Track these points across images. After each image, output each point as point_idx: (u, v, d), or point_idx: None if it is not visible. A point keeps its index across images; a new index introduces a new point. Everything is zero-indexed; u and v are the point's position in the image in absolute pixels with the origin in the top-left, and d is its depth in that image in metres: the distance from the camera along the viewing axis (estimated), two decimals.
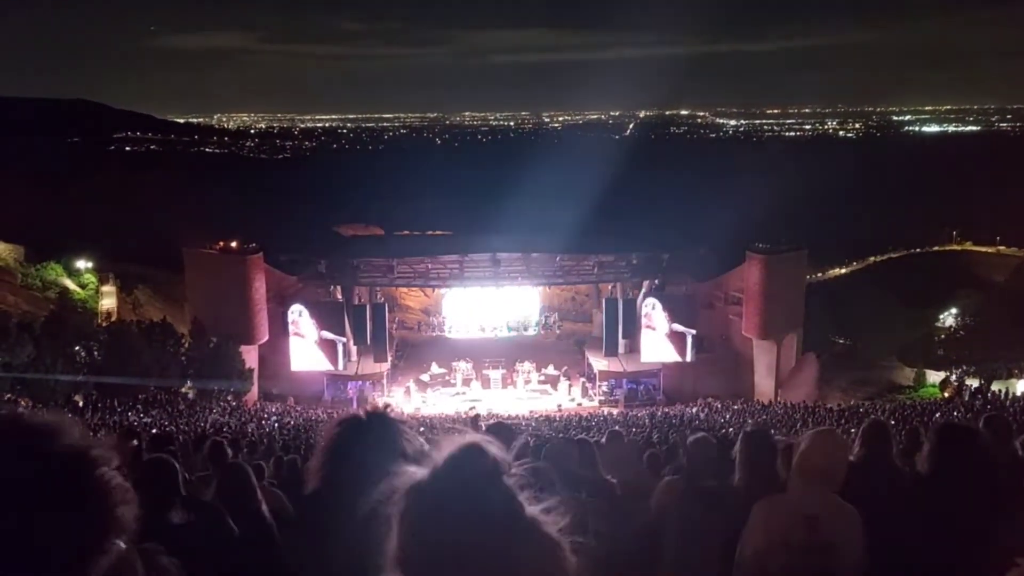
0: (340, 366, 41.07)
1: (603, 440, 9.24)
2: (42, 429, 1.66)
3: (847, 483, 4.09)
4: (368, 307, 43.12)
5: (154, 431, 19.53)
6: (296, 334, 40.33)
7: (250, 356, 39.20)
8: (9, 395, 30.20)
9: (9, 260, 45.49)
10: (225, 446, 7.86)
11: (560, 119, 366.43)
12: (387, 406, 2.90)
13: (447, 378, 43.08)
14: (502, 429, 6.19)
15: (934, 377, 43.33)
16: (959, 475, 4.19)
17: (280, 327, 40.75)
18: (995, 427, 6.03)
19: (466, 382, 42.66)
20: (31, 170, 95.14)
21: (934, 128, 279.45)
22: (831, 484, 4.01)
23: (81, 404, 31.05)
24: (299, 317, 40.35)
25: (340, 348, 40.80)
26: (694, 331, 41.48)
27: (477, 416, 23.50)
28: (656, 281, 43.71)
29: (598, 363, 42.85)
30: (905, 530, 4.08)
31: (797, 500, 4.01)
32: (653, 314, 41.38)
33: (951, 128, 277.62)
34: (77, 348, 34.34)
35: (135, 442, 7.23)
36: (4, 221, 49.29)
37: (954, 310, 50.90)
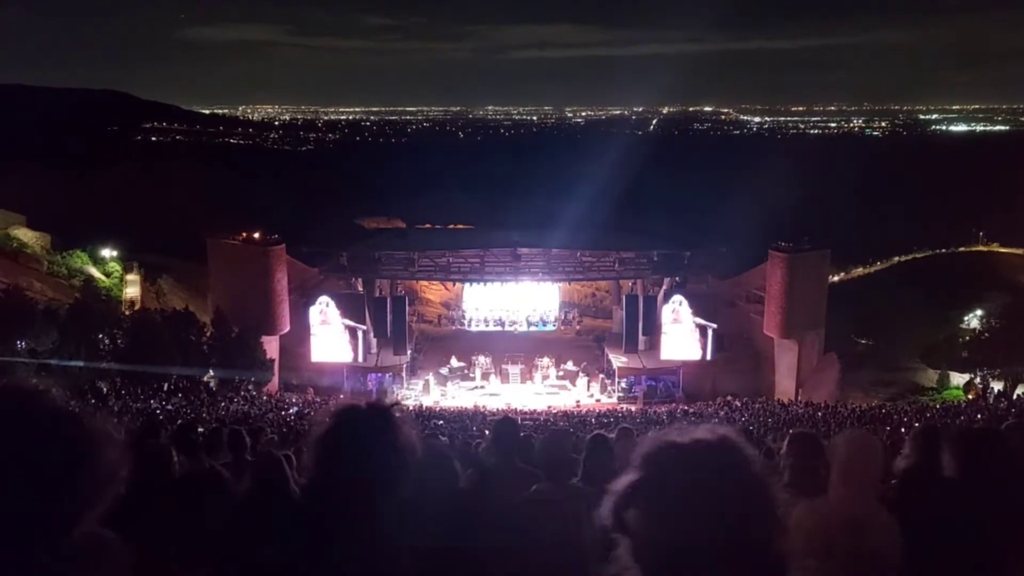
0: (360, 357, 41.17)
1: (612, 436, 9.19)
2: (31, 392, 1.72)
3: (900, 490, 4.04)
4: (388, 300, 43.20)
5: (179, 421, 19.67)
6: (324, 323, 40.42)
7: (271, 347, 39.40)
8: (34, 381, 30.46)
9: (36, 247, 45.96)
10: (244, 435, 7.86)
11: (583, 114, 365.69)
12: (394, 402, 2.89)
13: (466, 372, 43.11)
14: (508, 423, 6.21)
15: (958, 379, 42.89)
16: (987, 480, 4.14)
17: (301, 318, 40.89)
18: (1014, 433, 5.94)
19: (485, 376, 42.67)
20: (58, 158, 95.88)
21: (961, 127, 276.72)
22: (872, 487, 3.95)
23: (105, 391, 31.31)
24: (327, 308, 40.43)
25: (361, 339, 40.90)
26: (715, 325, 41.33)
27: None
28: (677, 279, 43.56)
29: (617, 360, 42.75)
30: (941, 536, 4.04)
31: (840, 504, 3.91)
32: (681, 310, 41.19)
33: (979, 128, 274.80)
34: (101, 336, 34.61)
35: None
36: (31, 209, 49.75)
37: (979, 312, 50.22)
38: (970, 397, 39.11)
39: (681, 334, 41.28)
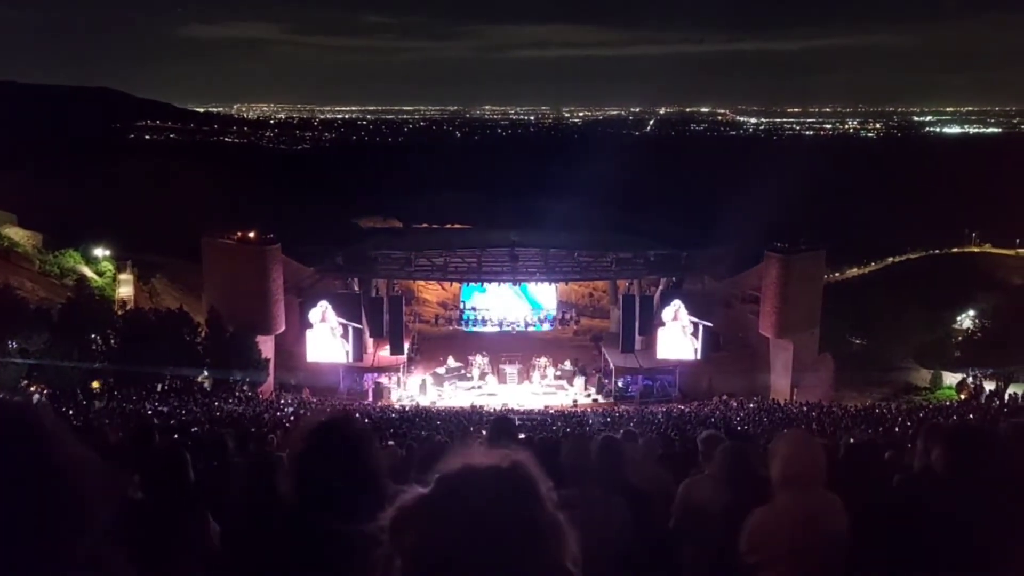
0: (356, 357, 41.04)
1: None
2: (17, 411, 1.67)
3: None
4: (385, 300, 43.08)
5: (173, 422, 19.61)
6: (322, 323, 40.28)
7: (266, 347, 39.22)
8: (25, 381, 30.37)
9: (27, 246, 45.79)
10: (227, 440, 7.79)
11: (580, 114, 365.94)
12: (350, 412, 2.90)
13: (463, 372, 43.03)
14: (505, 423, 6.17)
15: (951, 379, 43.02)
16: (974, 478, 4.12)
17: (297, 318, 40.77)
18: (1014, 432, 5.92)
19: (482, 376, 42.61)
20: (51, 156, 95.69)
21: (955, 129, 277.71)
22: (817, 483, 3.97)
23: (97, 392, 31.19)
24: (326, 311, 40.28)
25: (358, 339, 40.79)
26: (710, 325, 41.27)
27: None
28: (674, 279, 43.56)
29: (615, 359, 42.69)
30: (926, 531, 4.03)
31: (791, 508, 3.95)
32: (680, 313, 41.11)
33: (972, 130, 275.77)
34: (94, 336, 34.39)
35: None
36: (23, 207, 49.60)
37: (972, 312, 50.34)
38: (962, 397, 39.23)
39: (676, 334, 41.23)
